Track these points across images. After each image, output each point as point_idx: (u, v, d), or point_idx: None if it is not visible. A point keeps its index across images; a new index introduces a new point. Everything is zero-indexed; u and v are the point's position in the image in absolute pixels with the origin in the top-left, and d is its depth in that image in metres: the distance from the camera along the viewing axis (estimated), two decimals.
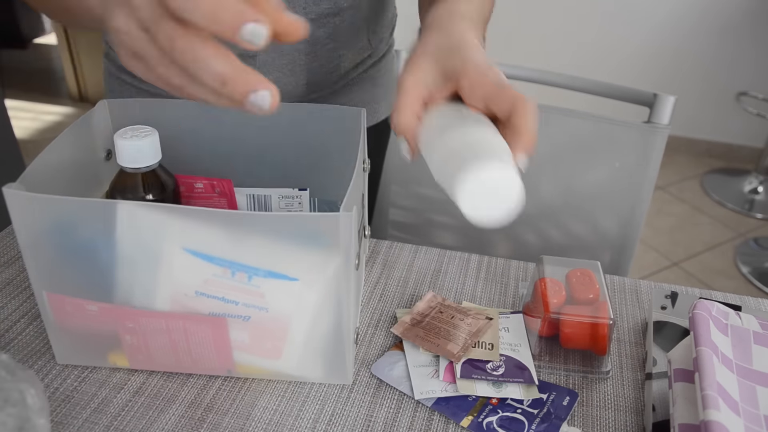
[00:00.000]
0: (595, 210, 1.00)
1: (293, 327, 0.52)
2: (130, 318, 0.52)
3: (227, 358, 0.55)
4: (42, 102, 2.98)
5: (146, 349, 0.55)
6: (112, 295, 0.52)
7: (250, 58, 0.67)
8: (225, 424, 0.53)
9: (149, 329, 0.53)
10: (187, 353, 0.55)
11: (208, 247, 0.49)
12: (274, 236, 0.48)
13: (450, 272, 0.71)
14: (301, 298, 0.51)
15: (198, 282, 0.50)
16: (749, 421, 0.45)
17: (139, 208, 0.48)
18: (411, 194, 1.08)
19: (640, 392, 0.57)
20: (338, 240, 0.48)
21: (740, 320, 0.53)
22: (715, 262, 2.19)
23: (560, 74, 0.97)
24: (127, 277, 0.51)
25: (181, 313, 0.52)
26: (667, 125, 0.92)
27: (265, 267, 0.49)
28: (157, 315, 0.52)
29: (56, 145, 0.54)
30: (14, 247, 0.71)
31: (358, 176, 0.53)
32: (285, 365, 0.55)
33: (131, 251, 0.50)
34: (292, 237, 0.48)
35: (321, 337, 0.53)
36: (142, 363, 0.56)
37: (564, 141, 0.98)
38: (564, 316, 0.56)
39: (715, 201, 2.52)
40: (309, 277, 0.50)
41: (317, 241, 0.48)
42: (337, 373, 0.56)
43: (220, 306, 0.51)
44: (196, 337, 0.53)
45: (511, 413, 0.54)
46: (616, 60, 2.67)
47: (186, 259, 0.49)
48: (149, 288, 0.51)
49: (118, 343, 0.55)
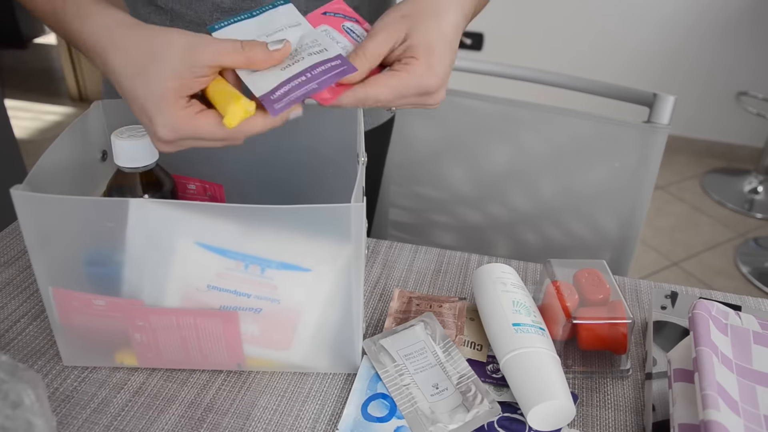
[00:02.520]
0: (595, 210, 1.00)
1: (304, 317, 0.54)
2: (140, 316, 0.53)
3: (237, 352, 0.55)
4: (42, 102, 2.98)
5: (156, 347, 0.55)
6: (121, 294, 0.52)
7: None
8: (225, 424, 0.53)
9: (159, 326, 0.53)
10: (198, 349, 0.55)
11: (221, 241, 0.50)
12: (287, 228, 0.49)
13: (450, 272, 0.71)
14: (313, 288, 0.52)
15: (210, 276, 0.51)
16: (749, 420, 0.45)
17: (151, 205, 0.48)
18: (411, 194, 1.08)
19: (640, 392, 0.57)
20: (350, 230, 0.49)
21: (740, 320, 0.53)
22: (715, 262, 2.19)
23: (560, 74, 0.97)
24: (136, 275, 0.51)
25: (192, 308, 0.52)
26: (667, 125, 0.92)
27: (278, 259, 0.50)
28: (168, 312, 0.53)
29: (56, 146, 0.54)
30: (14, 247, 0.71)
31: (362, 169, 0.54)
32: (294, 356, 0.56)
33: (142, 249, 0.50)
34: (305, 229, 0.50)
35: (331, 326, 0.55)
36: (151, 361, 0.56)
37: (564, 141, 0.98)
38: (585, 320, 0.56)
39: (715, 201, 2.52)
40: (321, 267, 0.51)
41: (329, 231, 0.49)
42: (344, 361, 0.57)
43: (232, 299, 0.52)
44: (207, 332, 0.54)
45: (511, 414, 0.54)
46: (616, 60, 2.67)
47: (199, 253, 0.50)
48: (159, 284, 0.52)
49: (126, 342, 0.55)
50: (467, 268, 0.72)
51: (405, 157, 1.05)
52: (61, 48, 2.91)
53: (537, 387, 0.51)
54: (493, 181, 1.03)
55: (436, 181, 1.06)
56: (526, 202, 1.03)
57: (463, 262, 0.73)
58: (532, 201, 1.03)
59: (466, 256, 0.74)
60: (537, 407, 0.50)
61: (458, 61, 1.02)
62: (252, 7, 0.63)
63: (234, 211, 0.48)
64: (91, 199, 0.48)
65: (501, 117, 0.99)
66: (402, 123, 1.03)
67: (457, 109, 1.00)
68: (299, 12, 0.54)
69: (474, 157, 1.02)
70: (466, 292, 0.68)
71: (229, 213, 0.49)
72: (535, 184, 1.01)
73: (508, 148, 1.01)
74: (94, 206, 0.48)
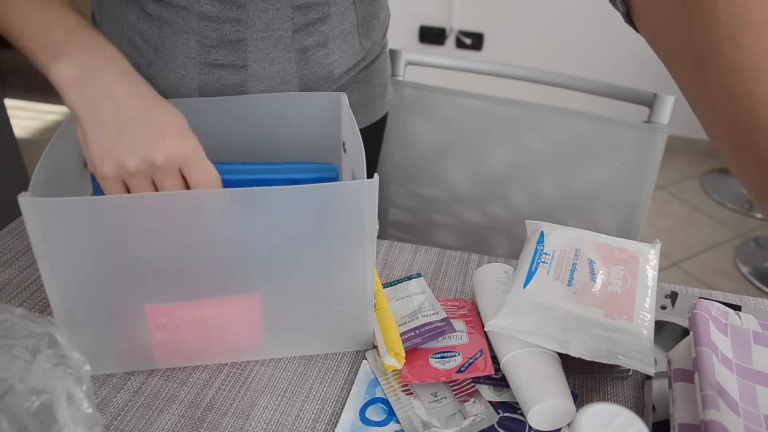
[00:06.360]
0: (595, 210, 1.00)
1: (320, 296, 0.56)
2: (163, 313, 0.54)
3: (257, 336, 0.57)
4: (42, 101, 2.98)
5: (176, 343, 0.56)
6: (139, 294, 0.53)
7: (241, 68, 0.67)
8: (225, 424, 0.53)
9: (181, 321, 0.54)
10: (219, 339, 0.56)
11: (229, 225, 0.51)
12: (300, 207, 0.51)
13: (450, 272, 0.71)
14: (327, 268, 0.54)
15: None
16: (749, 420, 0.45)
17: (153, 200, 0.49)
18: (411, 194, 1.08)
19: (640, 392, 0.57)
20: (363, 206, 0.52)
21: (740, 320, 0.53)
22: (715, 262, 2.19)
23: (560, 74, 0.97)
24: (151, 271, 0.52)
25: (214, 299, 0.54)
26: (666, 125, 0.92)
27: (291, 237, 0.52)
28: (191, 306, 0.54)
29: (53, 147, 0.54)
30: (14, 247, 0.71)
31: (355, 146, 0.56)
32: (308, 336, 0.58)
33: (156, 243, 0.51)
34: (318, 206, 0.51)
35: (344, 303, 0.57)
36: (171, 358, 0.57)
37: (564, 141, 0.98)
38: None
39: (715, 201, 2.52)
40: (334, 244, 0.53)
41: (343, 208, 0.52)
42: (356, 339, 0.59)
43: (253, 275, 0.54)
44: (229, 321, 0.55)
45: (512, 413, 0.54)
46: (616, 60, 2.67)
47: None
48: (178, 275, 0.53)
49: (142, 342, 0.56)
50: (467, 268, 0.72)
51: (405, 157, 1.05)
52: None
53: (537, 387, 0.51)
54: (493, 180, 1.03)
55: (436, 181, 1.06)
56: (526, 202, 1.03)
57: (463, 262, 0.73)
58: (532, 201, 1.03)
59: (466, 256, 0.74)
60: (537, 407, 0.50)
61: (458, 61, 1.02)
62: (239, 16, 0.64)
63: (243, 194, 0.50)
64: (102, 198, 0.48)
65: (501, 117, 0.99)
66: (402, 123, 1.03)
67: (457, 109, 1.00)
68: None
69: (474, 157, 1.02)
70: (466, 292, 0.68)
71: (239, 197, 0.50)
72: (535, 183, 1.01)
73: (508, 148, 1.01)
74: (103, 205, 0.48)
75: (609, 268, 0.59)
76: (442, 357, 0.56)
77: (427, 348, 0.58)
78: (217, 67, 0.67)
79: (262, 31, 0.65)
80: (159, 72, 0.68)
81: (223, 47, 0.66)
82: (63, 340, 0.44)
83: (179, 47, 0.66)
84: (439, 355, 0.57)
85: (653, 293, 0.57)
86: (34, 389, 0.40)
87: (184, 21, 0.64)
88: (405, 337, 0.58)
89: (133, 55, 0.69)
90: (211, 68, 0.67)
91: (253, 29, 0.65)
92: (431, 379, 0.55)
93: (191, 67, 0.67)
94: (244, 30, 0.65)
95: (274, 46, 0.66)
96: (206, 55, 0.66)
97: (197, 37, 0.65)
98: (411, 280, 0.66)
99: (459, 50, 2.76)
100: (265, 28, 0.65)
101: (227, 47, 0.66)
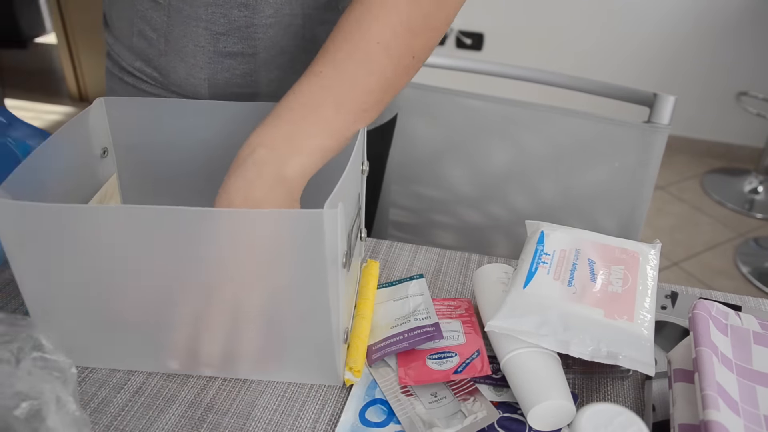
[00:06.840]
0: (595, 210, 1.00)
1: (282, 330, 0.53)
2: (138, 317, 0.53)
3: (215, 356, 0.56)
4: (42, 102, 2.98)
5: (152, 345, 0.55)
6: None
7: (250, 56, 0.67)
8: (225, 424, 0.53)
9: (153, 326, 0.53)
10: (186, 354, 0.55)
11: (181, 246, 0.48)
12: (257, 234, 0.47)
13: (450, 272, 0.71)
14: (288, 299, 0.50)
15: None
16: (749, 421, 0.45)
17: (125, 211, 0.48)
18: (411, 194, 1.08)
19: (640, 392, 0.57)
20: (323, 237, 0.46)
21: (740, 320, 0.53)
22: (715, 262, 2.19)
23: (560, 74, 0.97)
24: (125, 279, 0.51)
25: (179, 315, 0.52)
26: (667, 125, 0.92)
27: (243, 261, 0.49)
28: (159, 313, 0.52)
29: (50, 143, 0.54)
30: None
31: (351, 174, 0.51)
32: (275, 363, 0.56)
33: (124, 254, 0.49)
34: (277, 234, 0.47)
35: (310, 338, 0.53)
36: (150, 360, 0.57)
37: (564, 141, 0.98)
38: None
39: (715, 201, 2.52)
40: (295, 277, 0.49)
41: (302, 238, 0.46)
42: (327, 374, 0.55)
43: None
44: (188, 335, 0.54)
45: (512, 414, 0.54)
46: (616, 60, 2.67)
47: None
48: None
49: None
50: (467, 268, 0.72)
51: (406, 157, 1.05)
52: (61, 48, 2.91)
53: (537, 387, 0.51)
54: (494, 181, 1.03)
55: (436, 181, 1.06)
56: (527, 202, 1.03)
57: (463, 262, 0.73)
58: (533, 201, 1.03)
59: (466, 256, 0.74)
60: (537, 407, 0.50)
61: (458, 61, 1.02)
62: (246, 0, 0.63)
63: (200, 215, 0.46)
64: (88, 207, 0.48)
65: (501, 117, 0.99)
66: (403, 123, 1.03)
67: (457, 109, 1.00)
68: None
69: (474, 157, 1.02)
70: (466, 292, 0.68)
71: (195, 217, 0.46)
72: (535, 184, 1.01)
73: (509, 148, 1.01)
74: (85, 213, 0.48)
75: (609, 268, 0.59)
76: (439, 358, 0.56)
77: (423, 349, 0.58)
78: (227, 56, 0.67)
79: (271, 17, 0.65)
80: (170, 62, 0.69)
81: (232, 34, 0.66)
82: (47, 343, 0.44)
83: (188, 35, 0.66)
84: (436, 356, 0.57)
85: (653, 293, 0.57)
86: (22, 394, 0.40)
87: (192, 8, 0.65)
88: (393, 340, 0.58)
89: (144, 47, 0.70)
90: (220, 57, 0.67)
91: (262, 14, 0.65)
92: (429, 380, 0.55)
93: (200, 56, 0.67)
94: (252, 15, 0.65)
95: (284, 33, 0.66)
96: (215, 43, 0.66)
97: (205, 24, 0.65)
98: (413, 280, 0.66)
99: (459, 50, 2.77)
100: (274, 14, 0.65)
101: (236, 34, 0.66)
